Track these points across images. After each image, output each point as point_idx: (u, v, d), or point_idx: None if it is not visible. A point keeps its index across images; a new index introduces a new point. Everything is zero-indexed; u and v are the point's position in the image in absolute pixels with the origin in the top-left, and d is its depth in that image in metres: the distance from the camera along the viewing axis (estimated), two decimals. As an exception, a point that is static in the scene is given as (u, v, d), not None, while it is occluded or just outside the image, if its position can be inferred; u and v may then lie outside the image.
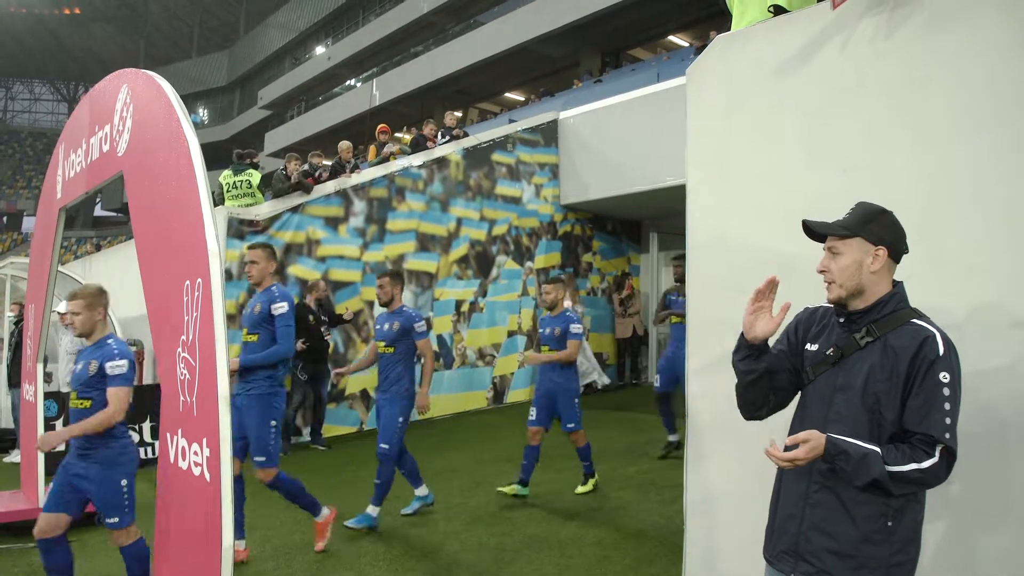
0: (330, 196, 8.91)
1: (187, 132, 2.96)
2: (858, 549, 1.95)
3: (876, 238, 2.04)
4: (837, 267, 2.06)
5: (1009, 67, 2.40)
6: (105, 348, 3.84)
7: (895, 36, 2.68)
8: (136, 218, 3.49)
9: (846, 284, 2.05)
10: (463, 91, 29.12)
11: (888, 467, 1.86)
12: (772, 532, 2.18)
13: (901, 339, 1.97)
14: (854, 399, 2.01)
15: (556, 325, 5.91)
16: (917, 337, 1.95)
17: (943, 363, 1.91)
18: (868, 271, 2.03)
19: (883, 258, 2.04)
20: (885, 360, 1.97)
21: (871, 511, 1.95)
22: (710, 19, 21.21)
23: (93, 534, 5.32)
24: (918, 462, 1.87)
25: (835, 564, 1.97)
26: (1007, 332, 2.36)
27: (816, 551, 2.01)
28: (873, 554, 1.95)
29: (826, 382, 2.10)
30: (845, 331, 2.09)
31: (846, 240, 2.05)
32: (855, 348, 2.04)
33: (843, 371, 2.06)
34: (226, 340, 2.66)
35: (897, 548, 1.96)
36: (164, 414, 3.13)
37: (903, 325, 2.00)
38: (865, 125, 2.77)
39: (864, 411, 1.99)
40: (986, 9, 2.45)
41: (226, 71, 48.47)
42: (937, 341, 1.93)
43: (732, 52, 3.28)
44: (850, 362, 2.05)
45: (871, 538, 1.95)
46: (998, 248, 2.40)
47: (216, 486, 2.61)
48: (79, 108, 4.61)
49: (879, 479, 1.86)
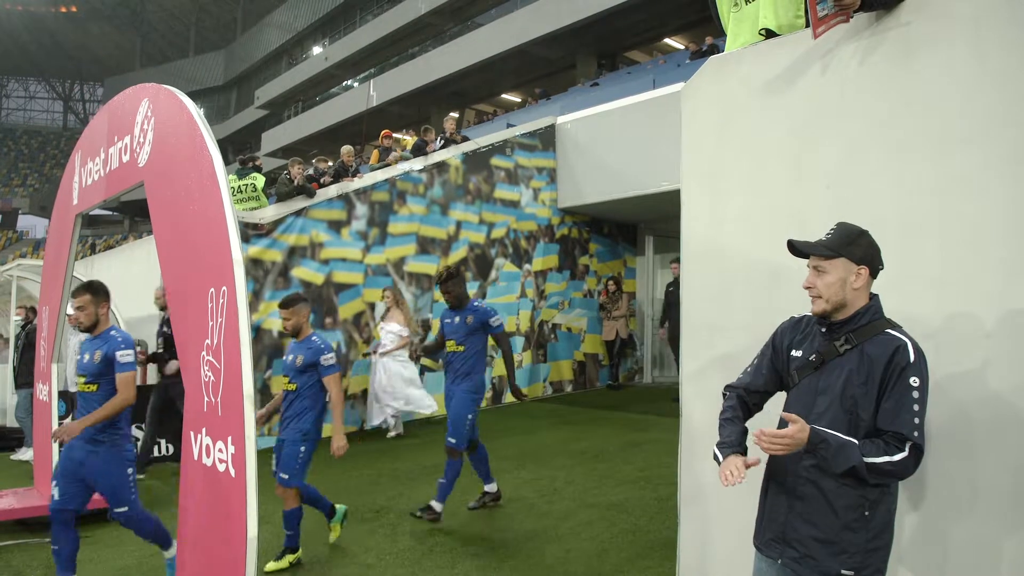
0: (333, 200, 9.08)
1: (210, 147, 3.14)
2: (839, 536, 2.19)
3: (858, 258, 2.28)
4: (823, 284, 2.29)
5: (978, 93, 2.59)
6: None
7: (874, 62, 2.87)
8: (158, 227, 3.67)
9: (831, 299, 2.28)
10: (460, 92, 29.28)
11: (864, 458, 2.10)
12: (761, 522, 2.42)
13: (876, 347, 2.21)
14: (833, 401, 2.25)
15: (298, 353, 4.78)
16: (890, 345, 2.19)
17: (913, 369, 2.15)
18: (851, 288, 2.28)
19: (864, 276, 2.28)
20: (862, 366, 2.21)
21: (850, 502, 2.19)
22: (706, 22, 21.38)
23: (106, 530, 5.49)
24: (890, 455, 2.10)
25: (818, 549, 2.21)
26: (976, 340, 2.55)
27: (801, 538, 2.24)
28: (852, 540, 2.18)
29: (808, 385, 2.34)
30: (826, 339, 2.33)
31: (831, 260, 2.28)
32: (835, 355, 2.28)
33: (824, 375, 2.30)
34: (250, 345, 2.85)
35: (873, 535, 2.19)
36: (188, 414, 3.30)
37: (878, 335, 2.24)
38: (847, 144, 2.96)
39: (842, 412, 2.22)
40: (956, 40, 2.64)
41: (223, 70, 48.56)
42: (908, 349, 2.17)
43: (724, 72, 3.46)
44: (830, 367, 2.29)
45: (850, 526, 2.18)
46: (968, 262, 2.59)
47: (242, 481, 2.78)
48: (97, 118, 4.78)
49: (857, 467, 2.09)
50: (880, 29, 2.86)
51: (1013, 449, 2.45)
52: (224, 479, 2.93)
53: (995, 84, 2.56)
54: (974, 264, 2.56)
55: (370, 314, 9.25)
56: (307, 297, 5.43)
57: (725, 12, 3.70)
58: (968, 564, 2.55)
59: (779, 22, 3.36)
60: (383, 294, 9.07)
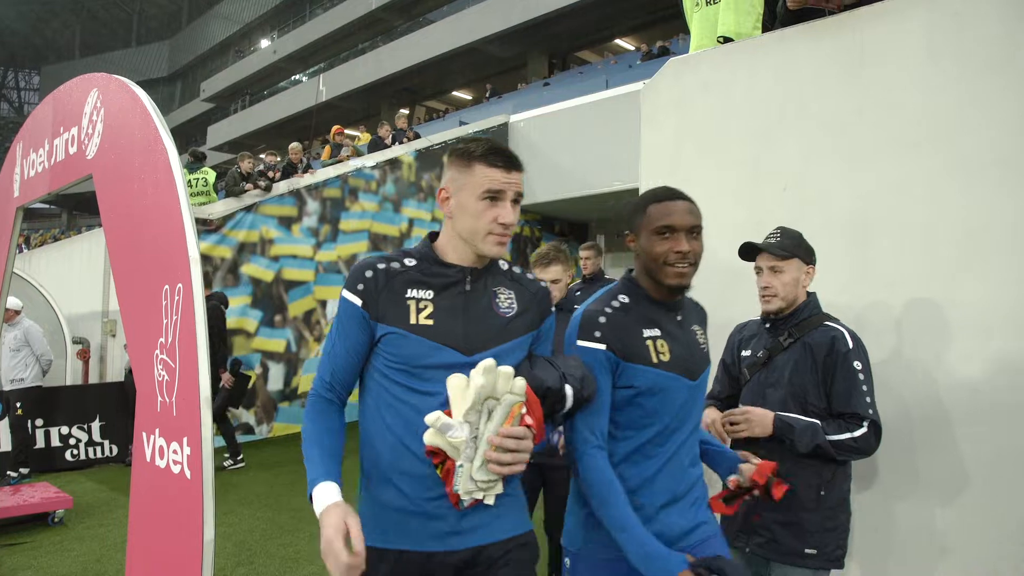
0: (284, 196, 8.94)
1: (165, 140, 3.06)
2: (798, 516, 2.32)
3: (809, 258, 2.45)
4: (780, 283, 2.43)
5: (933, 99, 2.68)
6: None
7: (832, 67, 2.95)
8: (108, 221, 3.55)
9: (787, 297, 2.43)
10: (410, 89, 29.14)
11: (828, 437, 2.26)
12: (726, 518, 2.47)
13: (815, 338, 2.38)
14: (781, 391, 2.41)
15: None
16: (828, 335, 2.36)
17: (854, 354, 2.32)
18: (802, 286, 2.45)
19: (813, 275, 2.46)
20: (805, 356, 2.38)
21: (808, 483, 2.33)
22: (656, 24, 21.68)
23: (47, 534, 5.33)
24: (851, 432, 2.26)
25: (782, 533, 2.34)
26: (919, 338, 2.66)
27: (766, 523, 2.37)
28: (810, 519, 2.32)
29: (758, 380, 2.51)
30: (771, 336, 2.49)
31: (787, 260, 2.41)
32: (780, 349, 2.45)
33: (771, 370, 2.47)
34: (206, 344, 2.79)
35: (828, 515, 2.33)
36: (140, 414, 3.21)
37: (817, 327, 2.40)
38: (804, 147, 3.03)
39: (793, 401, 2.38)
40: (913, 48, 2.73)
41: (167, 62, 47.42)
42: (846, 337, 2.35)
43: (684, 75, 3.51)
44: (777, 361, 2.45)
45: (807, 505, 2.32)
46: (918, 263, 2.68)
47: (198, 483, 2.72)
48: (41, 108, 4.61)
49: (822, 445, 2.25)
50: (837, 36, 2.93)
51: (955, 442, 2.55)
52: (179, 481, 2.85)
53: (946, 92, 2.66)
54: (925, 265, 2.65)
55: (321, 311, 9.14)
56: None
57: (689, 8, 3.76)
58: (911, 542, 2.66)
59: (739, 30, 3.42)
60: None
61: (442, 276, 1.80)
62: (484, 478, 1.66)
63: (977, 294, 2.53)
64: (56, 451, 7.59)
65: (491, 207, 1.74)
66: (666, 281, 1.87)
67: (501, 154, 1.76)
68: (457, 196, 1.79)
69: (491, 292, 1.85)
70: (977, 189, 2.55)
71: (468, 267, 1.82)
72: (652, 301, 1.95)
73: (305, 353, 8.96)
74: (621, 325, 1.88)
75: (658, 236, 1.87)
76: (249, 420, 8.41)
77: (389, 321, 1.74)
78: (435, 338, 1.73)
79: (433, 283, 1.79)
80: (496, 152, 1.76)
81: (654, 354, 1.88)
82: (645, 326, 1.91)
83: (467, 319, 1.77)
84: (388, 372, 1.75)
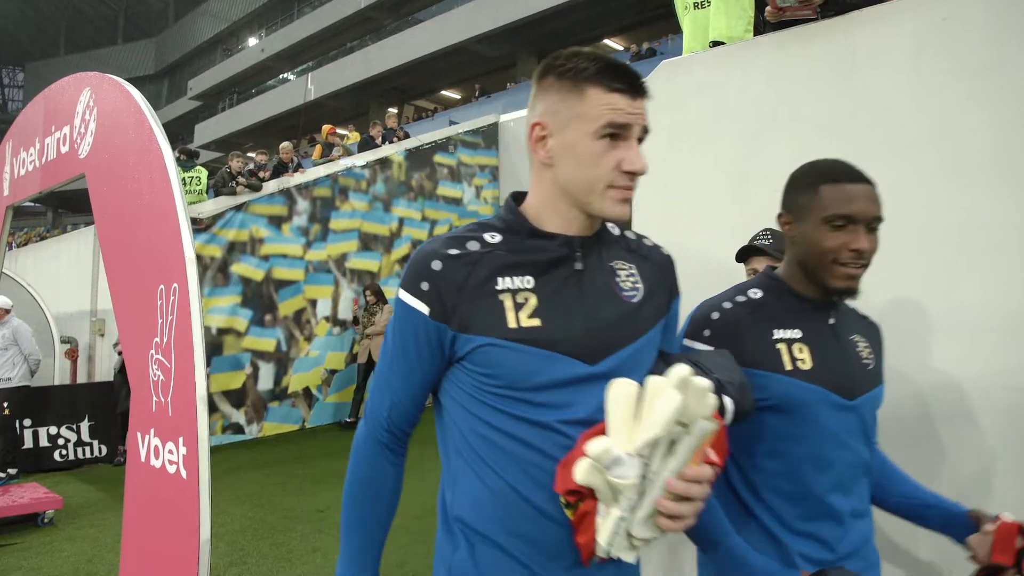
0: (274, 195, 8.93)
1: (160, 139, 3.05)
2: None
3: None
4: None
5: (922, 104, 2.72)
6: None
7: (824, 70, 2.98)
8: (101, 220, 3.55)
9: None
10: (399, 88, 29.12)
11: None
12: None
13: None
14: None
15: None
16: None
17: None
18: None
19: None
20: None
21: None
22: (644, 24, 21.78)
23: (36, 535, 5.31)
24: None
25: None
26: (911, 339, 2.69)
27: None
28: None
29: None
30: None
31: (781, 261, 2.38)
32: None
33: None
34: (203, 343, 2.79)
35: None
36: (135, 414, 3.21)
37: None
38: (796, 150, 3.05)
39: None
40: (902, 54, 2.77)
41: (154, 59, 47.14)
42: None
43: (676, 77, 3.54)
44: None
45: None
46: (907, 265, 2.72)
47: (194, 483, 2.73)
48: (32, 106, 4.59)
49: None
50: (829, 39, 2.97)
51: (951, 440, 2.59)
52: (175, 481, 2.86)
53: (937, 95, 2.70)
54: (917, 267, 2.69)
55: (311, 311, 9.12)
56: None
57: (680, 10, 3.79)
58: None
59: (730, 34, 3.46)
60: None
61: (542, 251, 1.28)
62: (646, 536, 1.13)
63: (970, 296, 2.57)
64: (45, 451, 7.56)
65: (612, 148, 1.22)
66: (832, 283, 1.52)
67: (624, 73, 1.22)
68: (561, 134, 1.26)
69: (608, 269, 1.33)
70: (970, 191, 2.59)
71: (576, 236, 1.30)
72: (796, 296, 1.59)
73: (295, 352, 8.94)
74: (740, 323, 1.52)
75: (831, 227, 1.52)
76: (239, 420, 8.39)
77: (477, 329, 1.23)
78: (548, 345, 1.22)
79: (531, 264, 1.27)
80: (617, 70, 1.22)
81: (788, 359, 1.49)
82: (778, 326, 1.53)
83: (585, 312, 1.26)
84: (485, 398, 1.25)
